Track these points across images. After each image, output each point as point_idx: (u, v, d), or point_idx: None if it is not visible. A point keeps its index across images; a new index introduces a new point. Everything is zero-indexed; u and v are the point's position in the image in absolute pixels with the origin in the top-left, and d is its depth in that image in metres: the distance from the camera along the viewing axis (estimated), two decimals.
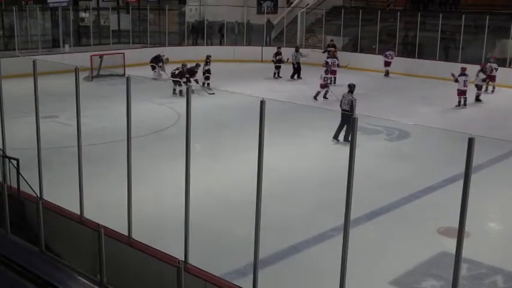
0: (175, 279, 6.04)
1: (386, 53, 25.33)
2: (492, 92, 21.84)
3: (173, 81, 19.72)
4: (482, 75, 20.12)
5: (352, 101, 14.11)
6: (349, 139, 13.71)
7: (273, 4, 32.65)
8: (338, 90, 21.45)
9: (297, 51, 24.45)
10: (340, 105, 14.40)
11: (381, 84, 23.42)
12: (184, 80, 19.69)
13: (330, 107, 16.61)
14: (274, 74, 24.16)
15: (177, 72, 19.92)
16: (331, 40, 27.48)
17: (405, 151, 13.97)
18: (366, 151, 12.13)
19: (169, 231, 8.37)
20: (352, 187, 5.10)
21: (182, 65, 20.26)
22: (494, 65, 21.89)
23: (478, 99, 19.93)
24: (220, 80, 21.54)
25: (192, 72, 20.27)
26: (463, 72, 18.88)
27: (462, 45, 24.86)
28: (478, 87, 20.04)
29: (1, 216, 8.03)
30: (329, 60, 22.28)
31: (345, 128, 13.98)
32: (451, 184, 11.06)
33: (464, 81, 18.73)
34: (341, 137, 14.04)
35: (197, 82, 20.47)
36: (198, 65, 20.63)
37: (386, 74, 25.18)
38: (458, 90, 18.95)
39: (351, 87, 14.50)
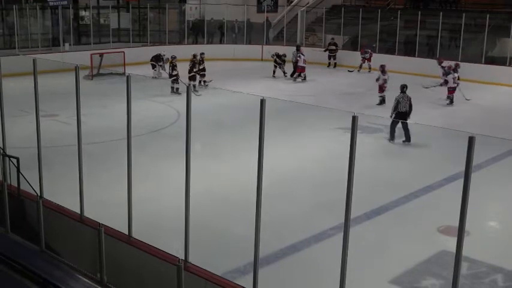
0: (175, 278, 6.04)
1: (369, 49, 25.92)
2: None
3: (172, 80, 19.74)
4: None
5: (410, 101, 14.17)
6: (410, 140, 13.94)
7: (273, 3, 32.65)
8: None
9: (298, 50, 24.46)
10: (397, 108, 14.17)
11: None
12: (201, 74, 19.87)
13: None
14: (274, 72, 24.08)
15: (174, 73, 20.00)
16: (332, 38, 27.51)
17: (405, 150, 13.97)
18: (366, 150, 12.14)
19: (170, 230, 8.37)
20: (352, 186, 5.10)
21: (171, 57, 20.38)
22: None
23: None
24: (220, 78, 21.54)
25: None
26: (450, 71, 19.29)
27: (462, 44, 24.87)
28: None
29: (1, 215, 8.04)
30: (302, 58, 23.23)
31: (401, 129, 13.97)
32: (451, 183, 11.07)
33: (453, 78, 19.15)
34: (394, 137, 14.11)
35: (201, 82, 20.57)
36: (200, 63, 20.71)
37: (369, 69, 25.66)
38: (449, 88, 19.22)
39: (406, 88, 14.40)
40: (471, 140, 4.45)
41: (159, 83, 21.65)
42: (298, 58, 23.43)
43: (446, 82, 19.29)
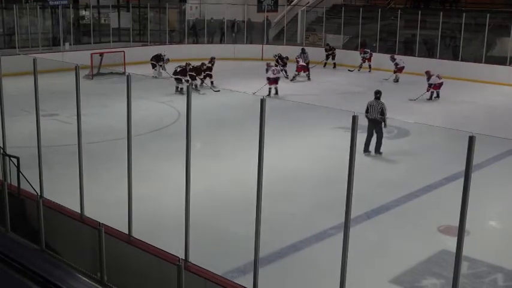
0: (175, 278, 6.04)
1: (368, 49, 26.21)
2: (396, 81, 23.32)
3: (175, 79, 19.71)
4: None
5: (383, 109, 13.04)
6: (380, 151, 13.08)
7: (273, 2, 32.64)
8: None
9: (303, 53, 24.50)
10: (367, 114, 13.21)
11: (380, 83, 23.42)
12: (187, 78, 19.79)
13: (333, 105, 16.60)
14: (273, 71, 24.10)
15: (179, 69, 19.93)
16: (327, 44, 27.52)
17: (405, 149, 13.96)
18: None
19: (170, 230, 8.36)
20: (353, 185, 5.10)
21: (186, 63, 20.31)
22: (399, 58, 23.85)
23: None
24: (221, 78, 21.53)
25: (198, 70, 20.35)
26: (429, 75, 19.87)
27: (462, 43, 24.87)
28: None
29: (1, 215, 8.03)
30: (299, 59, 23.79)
31: (375, 138, 13.01)
32: (451, 182, 11.07)
33: (437, 76, 19.75)
34: (372, 147, 13.06)
35: (202, 81, 20.57)
36: (203, 64, 20.73)
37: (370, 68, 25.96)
38: (435, 84, 19.71)
39: (379, 94, 13.38)
40: (471, 140, 4.44)
41: (159, 83, 21.65)
42: (298, 59, 23.76)
43: (430, 86, 19.75)
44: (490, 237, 9.38)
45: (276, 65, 23.95)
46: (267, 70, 20.24)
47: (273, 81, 19.88)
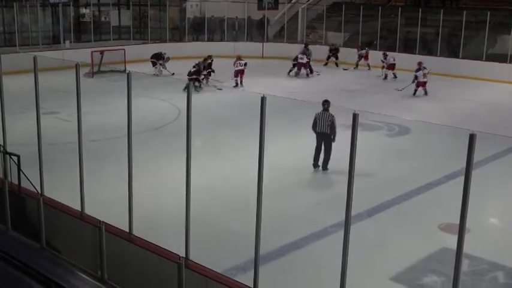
0: (176, 276, 6.04)
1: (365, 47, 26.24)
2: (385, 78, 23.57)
3: (189, 79, 19.69)
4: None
5: (333, 121, 11.55)
6: (327, 167, 11.90)
7: (273, 0, 32.56)
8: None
9: (306, 48, 24.47)
10: (315, 127, 11.83)
11: (381, 80, 23.43)
12: (202, 76, 20.01)
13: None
14: (290, 70, 24.06)
15: (193, 70, 19.93)
16: (332, 44, 27.38)
17: (406, 147, 13.95)
18: (366, 147, 12.14)
19: (170, 228, 8.36)
20: (353, 183, 5.10)
21: (198, 62, 20.34)
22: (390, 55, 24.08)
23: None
24: (221, 76, 21.52)
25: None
26: (419, 67, 20.02)
27: (463, 41, 24.84)
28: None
29: (2, 213, 8.04)
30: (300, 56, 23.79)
31: (322, 152, 11.80)
32: (451, 180, 11.06)
33: (423, 74, 19.95)
34: (320, 162, 11.86)
35: (204, 78, 20.60)
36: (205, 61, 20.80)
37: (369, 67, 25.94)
38: (418, 82, 19.99)
39: (327, 105, 11.83)
40: (472, 138, 4.44)
41: (160, 81, 21.64)
42: (300, 55, 23.78)
43: (416, 78, 19.96)
44: (490, 234, 9.38)
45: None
46: (234, 63, 20.75)
47: (236, 73, 20.66)
